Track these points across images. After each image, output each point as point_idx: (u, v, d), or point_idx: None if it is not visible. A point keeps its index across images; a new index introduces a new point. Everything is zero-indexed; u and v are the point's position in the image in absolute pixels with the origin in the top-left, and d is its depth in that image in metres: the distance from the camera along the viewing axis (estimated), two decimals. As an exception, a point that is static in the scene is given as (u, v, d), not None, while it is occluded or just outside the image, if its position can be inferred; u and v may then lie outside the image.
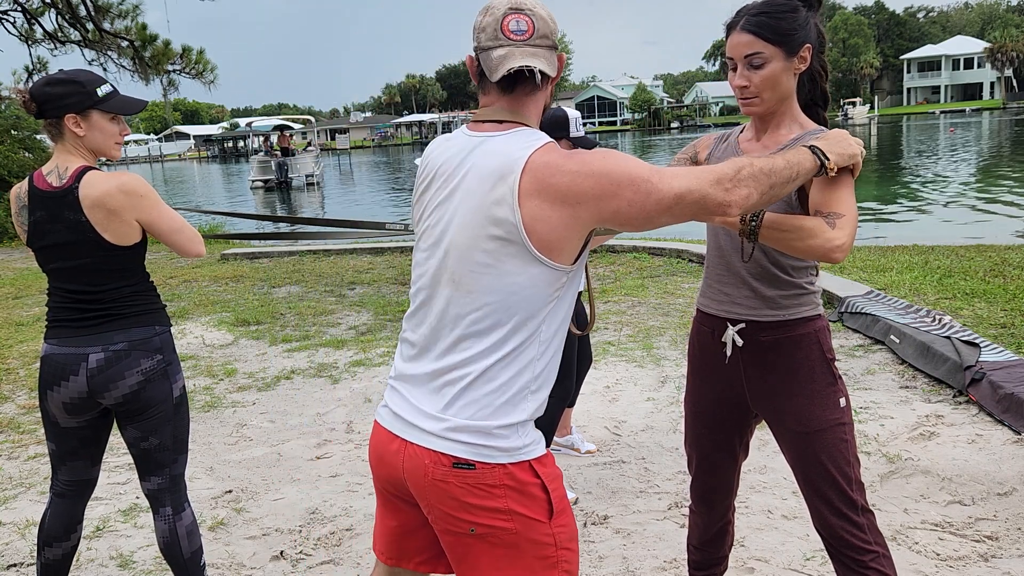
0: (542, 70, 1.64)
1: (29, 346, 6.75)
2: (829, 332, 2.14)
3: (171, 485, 2.70)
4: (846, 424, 2.11)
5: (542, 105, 1.74)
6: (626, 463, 3.99)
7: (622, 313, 6.79)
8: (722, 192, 1.60)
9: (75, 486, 2.72)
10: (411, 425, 1.70)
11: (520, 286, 1.61)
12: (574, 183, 1.56)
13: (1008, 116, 59.85)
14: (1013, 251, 8.06)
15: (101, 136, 2.56)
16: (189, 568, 2.72)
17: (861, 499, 2.12)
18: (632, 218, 1.58)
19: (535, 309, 1.63)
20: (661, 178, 1.57)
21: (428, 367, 1.71)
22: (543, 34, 1.67)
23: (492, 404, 1.64)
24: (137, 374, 2.55)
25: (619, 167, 1.57)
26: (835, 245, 1.87)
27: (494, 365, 1.64)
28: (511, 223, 1.58)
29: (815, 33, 2.02)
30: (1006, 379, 4.30)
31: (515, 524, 1.65)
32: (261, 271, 9.83)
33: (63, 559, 2.73)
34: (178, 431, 2.68)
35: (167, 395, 2.62)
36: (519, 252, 1.59)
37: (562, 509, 1.72)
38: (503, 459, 1.64)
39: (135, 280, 2.59)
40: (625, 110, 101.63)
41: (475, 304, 1.64)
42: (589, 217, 1.58)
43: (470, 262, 1.64)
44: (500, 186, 1.59)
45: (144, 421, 2.60)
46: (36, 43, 14.57)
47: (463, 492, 1.64)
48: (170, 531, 2.69)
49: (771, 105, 2.04)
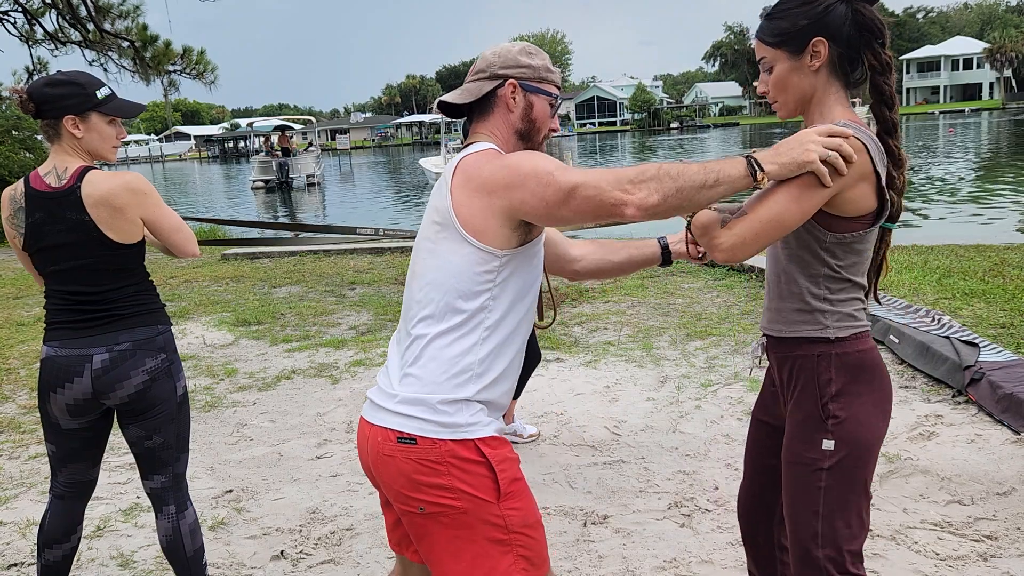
0: (442, 99, 1.94)
1: (30, 346, 6.76)
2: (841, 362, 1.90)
3: (174, 484, 2.70)
4: (823, 470, 1.88)
5: (501, 131, 1.93)
6: (626, 463, 4.00)
7: (622, 313, 6.79)
8: (619, 191, 1.67)
9: (75, 488, 2.73)
10: (373, 406, 1.86)
11: (454, 265, 1.78)
12: (492, 175, 1.76)
13: (1007, 116, 59.82)
14: (1012, 251, 8.07)
15: (99, 138, 2.57)
16: (192, 567, 2.72)
17: (828, 562, 1.89)
18: (535, 208, 1.73)
19: (469, 289, 1.78)
20: (563, 172, 1.72)
21: (396, 352, 1.89)
22: (478, 69, 1.94)
23: (435, 380, 1.77)
24: (142, 374, 2.55)
25: (529, 162, 1.75)
26: (714, 243, 1.82)
27: (435, 341, 1.79)
28: (445, 209, 1.79)
29: (840, 24, 1.86)
30: (1005, 379, 4.30)
31: (462, 503, 1.73)
32: (261, 271, 9.83)
33: (63, 560, 2.73)
34: (181, 429, 2.69)
35: (171, 394, 2.63)
36: (452, 235, 1.78)
37: (513, 492, 1.78)
38: (444, 435, 1.74)
39: (136, 280, 2.59)
40: (625, 110, 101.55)
41: (421, 285, 1.84)
42: (501, 205, 1.75)
43: (421, 250, 1.87)
44: (443, 184, 1.83)
45: (148, 420, 2.61)
46: (36, 44, 14.56)
47: (409, 468, 1.74)
48: (173, 530, 2.69)
49: (792, 107, 1.95)
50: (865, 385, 1.90)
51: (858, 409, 1.89)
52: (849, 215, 1.84)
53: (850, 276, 1.90)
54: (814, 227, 1.86)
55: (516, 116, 1.92)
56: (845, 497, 1.90)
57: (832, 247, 1.87)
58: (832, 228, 1.85)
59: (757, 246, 1.80)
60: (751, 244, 1.78)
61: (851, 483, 1.90)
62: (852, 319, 1.91)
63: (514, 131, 1.93)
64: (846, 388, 1.89)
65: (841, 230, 1.85)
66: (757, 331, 5.96)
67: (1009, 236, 10.93)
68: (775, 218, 1.77)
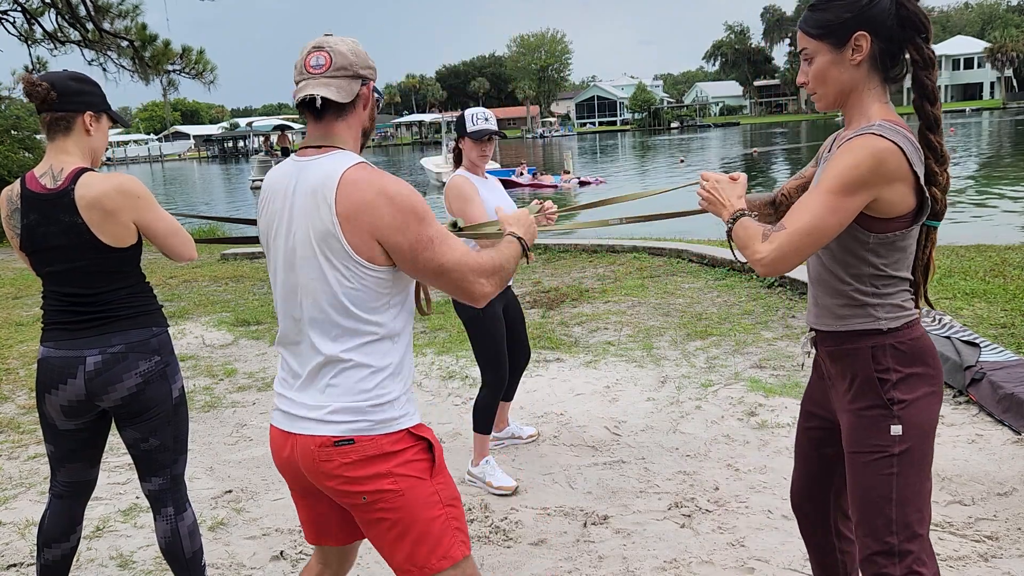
0: (326, 96, 1.88)
1: (29, 346, 6.75)
2: (896, 350, 1.94)
3: (172, 485, 2.70)
4: (894, 456, 1.91)
5: (357, 128, 1.99)
6: (626, 463, 3.99)
7: (622, 313, 6.79)
8: (479, 286, 1.96)
9: (74, 487, 2.72)
10: (291, 417, 1.95)
11: (350, 287, 1.87)
12: (374, 205, 1.83)
13: (1008, 116, 59.82)
14: (1013, 251, 8.06)
15: (102, 141, 2.61)
16: (191, 568, 2.71)
17: (903, 546, 1.91)
18: (404, 260, 1.87)
19: (371, 305, 1.89)
20: (442, 241, 1.89)
21: (303, 368, 1.96)
22: (340, 66, 1.92)
23: (362, 388, 1.89)
24: (135, 376, 2.54)
25: (417, 211, 1.86)
26: (755, 259, 1.87)
27: (352, 355, 1.89)
28: (332, 233, 1.85)
29: (884, 18, 1.86)
30: (1006, 379, 4.29)
31: (400, 485, 1.89)
32: (261, 271, 9.83)
33: (63, 560, 2.73)
34: (178, 431, 2.68)
35: (166, 396, 2.62)
36: (342, 256, 1.85)
37: (440, 468, 1.98)
38: (380, 430, 1.90)
39: (131, 282, 2.58)
40: (625, 110, 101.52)
41: (321, 306, 1.90)
42: (378, 235, 1.84)
43: (310, 269, 1.90)
44: (322, 203, 1.85)
45: (144, 423, 2.60)
46: (36, 43, 14.56)
47: (348, 467, 1.88)
48: (172, 531, 2.69)
49: (831, 100, 1.96)
50: (921, 370, 1.94)
51: (919, 394, 1.93)
52: (889, 216, 1.86)
53: (895, 272, 1.93)
54: (855, 229, 1.88)
55: (366, 115, 2.02)
56: (916, 481, 1.93)
57: (876, 247, 1.90)
58: (873, 229, 1.87)
59: (798, 258, 1.84)
60: (791, 257, 1.82)
61: (920, 467, 1.94)
62: (902, 309, 1.95)
63: (363, 130, 2.02)
64: (905, 375, 1.93)
65: (883, 230, 1.88)
66: (757, 331, 5.96)
67: (1010, 236, 10.92)
68: (813, 229, 1.81)
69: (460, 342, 6.16)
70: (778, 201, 2.32)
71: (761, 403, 4.57)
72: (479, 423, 3.84)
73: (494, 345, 3.76)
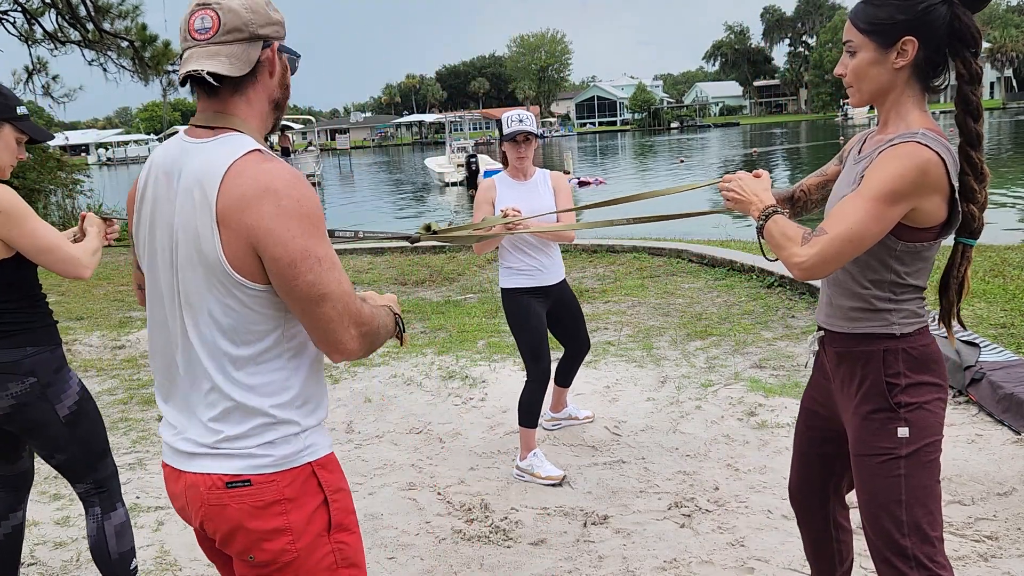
0: (213, 71, 1.50)
1: None
2: (908, 355, 1.94)
3: (97, 487, 2.64)
4: (902, 458, 1.92)
5: (262, 101, 1.62)
6: (626, 463, 3.99)
7: (622, 313, 6.79)
8: (348, 337, 1.55)
9: (4, 480, 2.69)
10: (183, 454, 1.61)
11: (236, 304, 1.53)
12: (255, 204, 1.47)
13: (1008, 117, 59.82)
14: (1013, 251, 8.06)
15: (5, 153, 2.44)
16: (117, 570, 2.64)
17: (917, 549, 1.91)
18: (279, 277, 1.50)
19: (267, 324, 1.56)
20: (331, 269, 1.51)
21: (190, 393, 1.61)
22: (232, 28, 1.53)
23: (262, 408, 1.57)
24: (7, 398, 2.44)
25: (311, 218, 1.49)
26: (794, 262, 1.85)
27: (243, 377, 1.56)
28: (209, 240, 1.50)
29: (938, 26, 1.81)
30: (1006, 379, 4.30)
31: (295, 545, 1.58)
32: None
33: (6, 540, 2.69)
34: (86, 444, 2.58)
35: (50, 417, 2.50)
36: (219, 271, 1.51)
37: (344, 525, 1.66)
38: (281, 466, 1.58)
39: (6, 298, 2.44)
40: (625, 110, 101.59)
41: (210, 323, 1.55)
42: (256, 244, 1.49)
43: (194, 281, 1.54)
44: (201, 201, 1.50)
45: (38, 441, 2.53)
46: (36, 43, 14.55)
47: (243, 515, 1.56)
48: (98, 529, 2.62)
49: (867, 97, 1.93)
50: (929, 375, 1.95)
51: (926, 398, 1.94)
52: (921, 226, 1.86)
53: (914, 282, 1.94)
54: (886, 236, 1.88)
55: (274, 83, 1.63)
56: (925, 483, 1.93)
57: (902, 255, 1.90)
58: (903, 237, 1.88)
59: (837, 264, 1.83)
60: (832, 262, 1.82)
61: (928, 469, 1.94)
62: (915, 315, 1.96)
63: (271, 101, 1.64)
64: (914, 379, 1.93)
65: (912, 239, 1.88)
66: (757, 331, 5.96)
67: (1009, 236, 10.92)
68: (855, 236, 1.81)
69: (460, 342, 6.16)
70: (796, 197, 2.33)
71: (761, 403, 4.57)
72: (523, 417, 3.88)
73: (532, 340, 3.83)
